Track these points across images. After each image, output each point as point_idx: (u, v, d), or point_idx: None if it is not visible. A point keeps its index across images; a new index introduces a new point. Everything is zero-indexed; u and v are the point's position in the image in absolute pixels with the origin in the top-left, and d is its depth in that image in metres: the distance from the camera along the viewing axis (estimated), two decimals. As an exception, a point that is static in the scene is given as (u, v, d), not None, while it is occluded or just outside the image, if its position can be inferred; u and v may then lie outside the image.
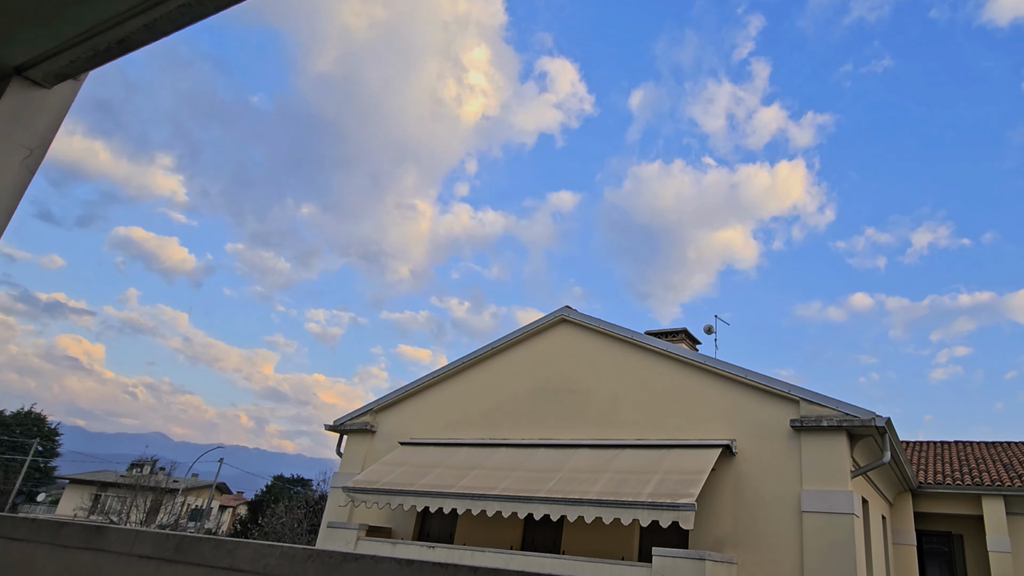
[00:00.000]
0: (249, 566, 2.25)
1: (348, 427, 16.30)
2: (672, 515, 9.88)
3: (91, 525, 2.86)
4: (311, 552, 2.14)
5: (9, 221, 2.11)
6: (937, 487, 16.41)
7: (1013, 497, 15.77)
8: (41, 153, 2.19)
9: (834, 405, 11.06)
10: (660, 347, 13.28)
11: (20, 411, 58.15)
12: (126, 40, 1.99)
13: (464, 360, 15.55)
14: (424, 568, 1.89)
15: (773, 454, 11.39)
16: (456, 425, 14.99)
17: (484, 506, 11.62)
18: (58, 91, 2.25)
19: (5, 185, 2.08)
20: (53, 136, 2.23)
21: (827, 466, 10.83)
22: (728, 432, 11.90)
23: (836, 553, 10.22)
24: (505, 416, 14.44)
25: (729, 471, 11.63)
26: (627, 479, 11.14)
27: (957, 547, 17.18)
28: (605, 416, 13.26)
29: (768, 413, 11.67)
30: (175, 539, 2.54)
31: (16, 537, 3.06)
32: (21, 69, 2.14)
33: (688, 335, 18.69)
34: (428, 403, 15.71)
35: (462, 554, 11.96)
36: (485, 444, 14.10)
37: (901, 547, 16.24)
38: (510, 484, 11.91)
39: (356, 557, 2.03)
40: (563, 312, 14.84)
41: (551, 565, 11.01)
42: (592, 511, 10.56)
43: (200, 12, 1.88)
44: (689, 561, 9.71)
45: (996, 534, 15.51)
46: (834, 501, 10.51)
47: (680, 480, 10.65)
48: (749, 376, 11.98)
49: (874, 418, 10.65)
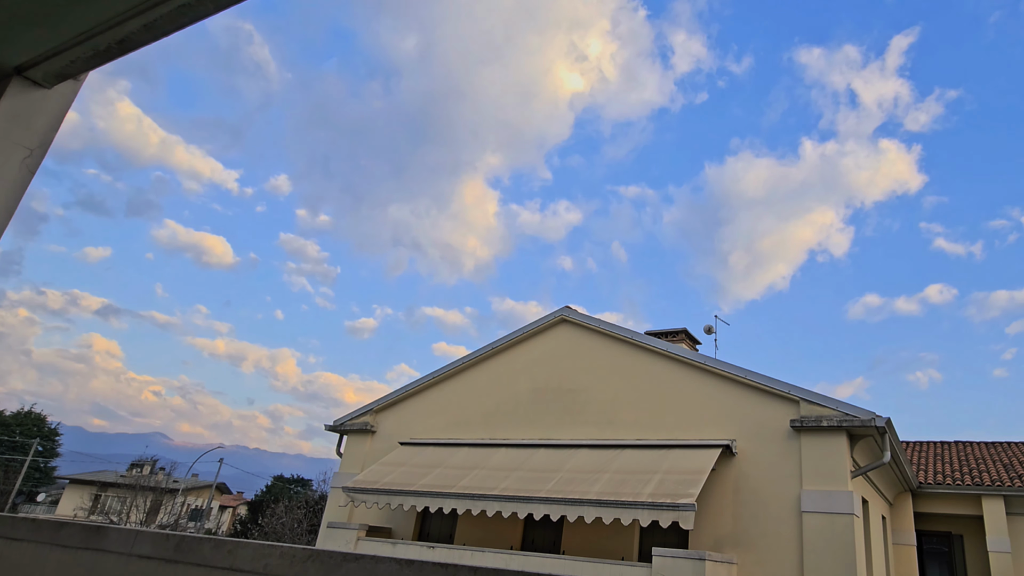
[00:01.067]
0: (249, 566, 2.25)
1: (348, 427, 16.30)
2: (672, 515, 9.89)
3: (91, 525, 2.86)
4: (311, 552, 2.14)
5: (9, 221, 2.11)
6: (937, 487, 16.40)
7: (1013, 497, 15.77)
8: (41, 153, 2.19)
9: (834, 405, 11.06)
10: (660, 347, 13.28)
11: (20, 411, 58.13)
12: (126, 40, 1.99)
13: (464, 360, 15.56)
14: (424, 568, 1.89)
15: (773, 454, 11.39)
16: (456, 425, 14.99)
17: (484, 506, 11.62)
18: (58, 91, 2.25)
19: (5, 185, 2.08)
20: (53, 136, 2.23)
21: (827, 466, 10.83)
22: (728, 432, 11.90)
23: (836, 553, 10.22)
24: (505, 416, 14.44)
25: (729, 471, 11.63)
26: (627, 479, 11.14)
27: (957, 547, 17.18)
28: (605, 416, 13.26)
29: (768, 413, 11.68)
30: (175, 539, 2.54)
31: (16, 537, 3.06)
32: (21, 69, 2.14)
33: (688, 335, 18.69)
34: (428, 403, 15.71)
35: (462, 554, 11.95)
36: (485, 444, 14.10)
37: (901, 547, 16.24)
38: (510, 484, 11.91)
39: (356, 557, 2.03)
40: (563, 312, 14.84)
41: (551, 565, 11.01)
42: (592, 511, 10.56)
43: (200, 12, 1.88)
44: (689, 561, 9.71)
45: (996, 534, 15.50)
46: (834, 501, 10.51)
47: (680, 480, 10.64)
48: (749, 376, 11.98)
49: (874, 418, 10.65)
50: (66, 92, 2.27)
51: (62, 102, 2.27)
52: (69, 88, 2.27)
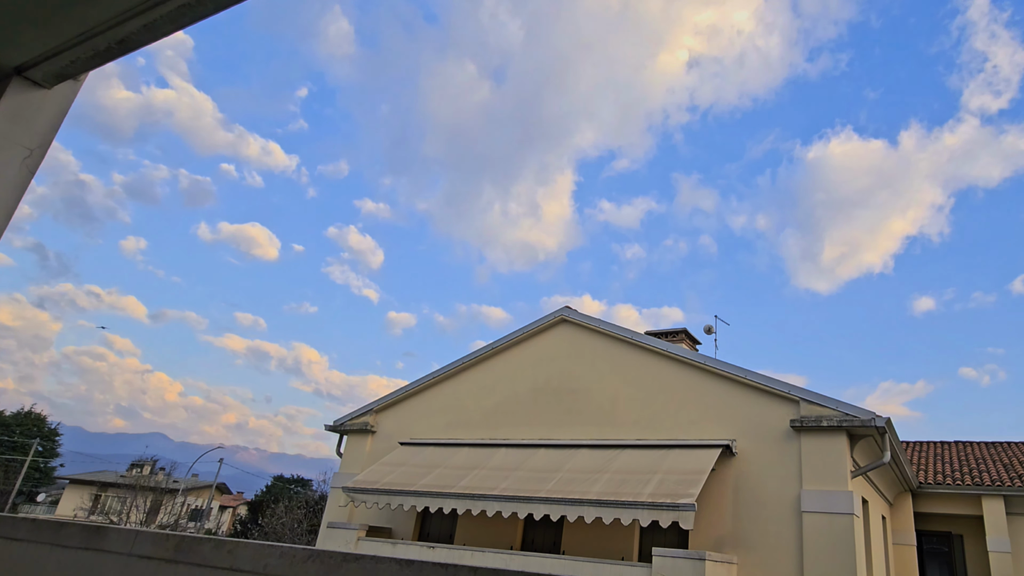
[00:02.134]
0: (249, 566, 2.25)
1: (348, 427, 16.31)
2: (672, 515, 9.89)
3: (91, 525, 2.86)
4: (311, 552, 2.14)
5: (9, 221, 2.11)
6: (937, 487, 16.41)
7: (1013, 497, 15.77)
8: (41, 153, 2.19)
9: (834, 405, 11.06)
10: (660, 347, 13.28)
11: (20, 411, 58.14)
12: (126, 40, 1.99)
13: (464, 360, 15.56)
14: (424, 568, 1.89)
15: (773, 454, 11.39)
16: (456, 425, 15.00)
17: (484, 506, 11.62)
18: (58, 91, 2.25)
19: (5, 185, 2.08)
20: (53, 136, 2.23)
21: (827, 466, 10.83)
22: (728, 432, 11.91)
23: (836, 553, 10.22)
24: (505, 416, 14.44)
25: (729, 471, 11.63)
26: (627, 479, 11.14)
27: (957, 547, 17.18)
28: (605, 416, 13.26)
29: (768, 413, 11.68)
30: (175, 539, 2.54)
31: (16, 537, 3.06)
32: (21, 69, 2.14)
33: (688, 335, 18.69)
34: (428, 403, 15.71)
35: (462, 554, 11.95)
36: (485, 444, 14.10)
37: (901, 547, 16.24)
38: (510, 484, 11.91)
39: (356, 557, 2.03)
40: (563, 312, 14.85)
41: (551, 565, 11.01)
42: (592, 511, 10.56)
43: (200, 12, 1.88)
44: (689, 561, 9.71)
45: (996, 534, 15.51)
46: (834, 501, 10.51)
47: (680, 480, 10.65)
48: (749, 376, 11.98)
49: (874, 418, 10.65)
50: (66, 92, 2.27)
51: (62, 102, 2.27)
52: (69, 88, 2.28)
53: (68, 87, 2.27)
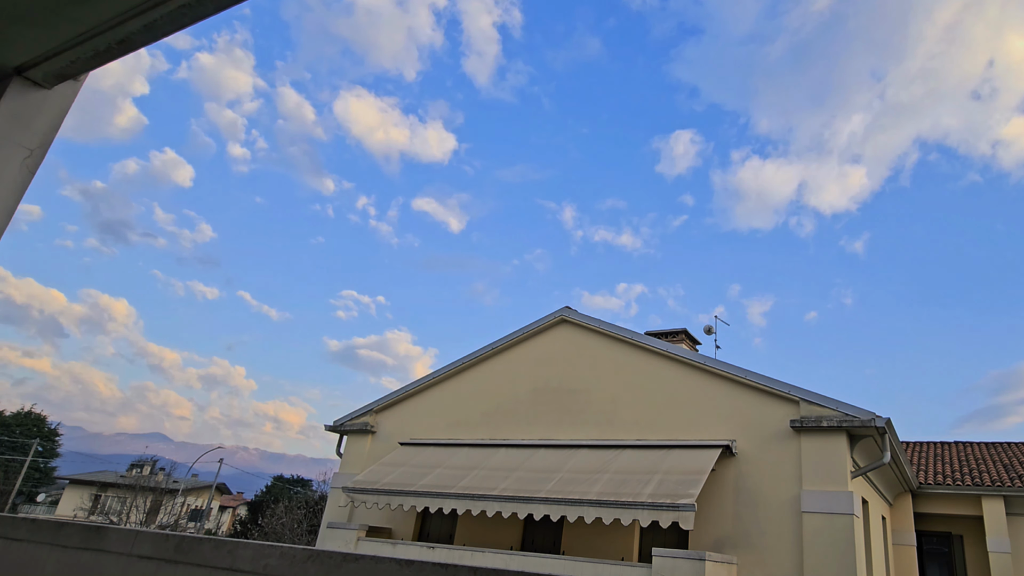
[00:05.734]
0: (249, 566, 2.25)
1: (348, 427, 16.31)
2: (672, 515, 9.89)
3: (91, 525, 2.87)
4: (311, 552, 2.14)
5: (9, 221, 2.11)
6: (937, 487, 16.41)
7: (1013, 497, 15.77)
8: (41, 153, 2.19)
9: (834, 405, 11.06)
10: (660, 347, 13.28)
11: (20, 411, 58.16)
12: (126, 40, 2.00)
13: (464, 360, 15.56)
14: (424, 568, 1.89)
15: (773, 454, 11.39)
16: (456, 425, 15.00)
17: (484, 506, 11.62)
18: (58, 91, 2.25)
19: (5, 185, 2.08)
20: (53, 136, 2.23)
21: (827, 466, 10.83)
22: (728, 432, 11.91)
23: (836, 553, 10.22)
24: (505, 416, 14.44)
25: (729, 471, 11.63)
26: (627, 479, 11.14)
27: (957, 547, 17.18)
28: (605, 416, 13.26)
29: (768, 413, 11.68)
30: (175, 539, 2.54)
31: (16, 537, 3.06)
32: (21, 69, 2.14)
33: (688, 335, 18.70)
34: (428, 403, 15.71)
35: (462, 554, 11.95)
36: (485, 444, 14.11)
37: (901, 547, 16.24)
38: (510, 484, 11.91)
39: (356, 557, 2.04)
40: (563, 312, 14.85)
41: (551, 565, 11.01)
42: (592, 511, 10.56)
43: (200, 12, 1.88)
44: (689, 561, 9.71)
45: (996, 534, 15.50)
46: (834, 501, 10.51)
47: (680, 480, 10.65)
48: (749, 376, 11.98)
49: (874, 418, 10.65)
50: (66, 92, 2.28)
51: (62, 102, 2.27)
52: (69, 88, 2.28)
53: (68, 87, 2.27)
